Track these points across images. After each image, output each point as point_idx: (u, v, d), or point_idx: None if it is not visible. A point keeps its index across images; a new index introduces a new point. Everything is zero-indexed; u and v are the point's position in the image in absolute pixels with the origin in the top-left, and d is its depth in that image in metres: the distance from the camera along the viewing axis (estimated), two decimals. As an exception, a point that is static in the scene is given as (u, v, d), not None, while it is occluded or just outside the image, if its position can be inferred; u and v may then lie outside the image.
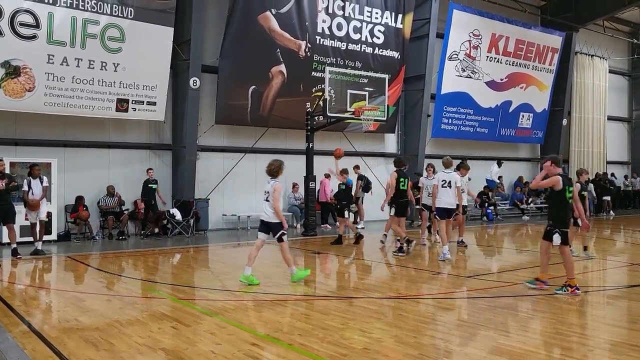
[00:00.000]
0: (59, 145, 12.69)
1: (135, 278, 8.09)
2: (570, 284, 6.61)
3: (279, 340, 4.87)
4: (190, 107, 13.63)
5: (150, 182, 13.18)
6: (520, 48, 19.83)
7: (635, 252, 11.35)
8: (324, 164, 13.57)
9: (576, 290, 6.57)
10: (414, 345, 4.80)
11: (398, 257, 9.66)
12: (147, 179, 13.17)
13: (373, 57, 16.59)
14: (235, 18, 13.90)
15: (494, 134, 20.01)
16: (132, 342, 4.84)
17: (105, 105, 12.44)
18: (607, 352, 4.66)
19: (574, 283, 6.62)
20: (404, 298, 6.87)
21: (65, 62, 11.72)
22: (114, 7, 12.16)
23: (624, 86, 25.86)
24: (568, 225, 6.82)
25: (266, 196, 7.44)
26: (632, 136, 26.12)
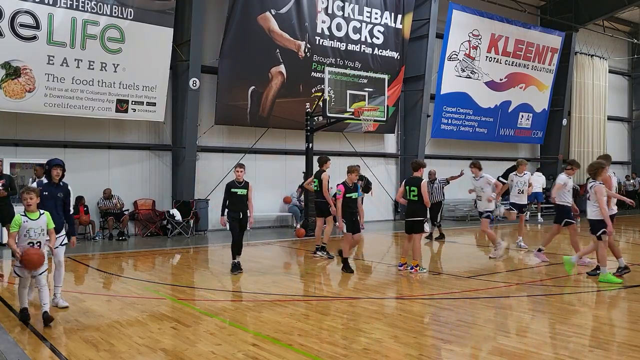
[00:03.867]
0: (59, 145, 12.69)
1: (135, 278, 8.09)
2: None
3: (279, 341, 4.87)
4: (190, 107, 13.63)
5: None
6: (520, 48, 19.84)
7: (635, 252, 11.35)
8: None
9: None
10: (414, 345, 4.81)
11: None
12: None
13: (372, 57, 16.60)
14: (234, 19, 13.91)
15: (493, 134, 20.02)
16: (132, 343, 4.84)
17: (105, 106, 12.45)
18: (608, 353, 4.66)
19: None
20: (404, 298, 6.88)
21: (65, 62, 11.73)
22: (114, 7, 12.17)
23: (624, 86, 25.86)
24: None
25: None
26: (632, 136, 26.12)
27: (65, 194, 6.20)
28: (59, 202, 6.14)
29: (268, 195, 15.50)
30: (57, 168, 6.11)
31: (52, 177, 6.09)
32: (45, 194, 5.97)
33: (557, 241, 12.80)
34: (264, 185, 15.46)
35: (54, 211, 5.95)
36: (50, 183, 6.12)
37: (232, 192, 8.12)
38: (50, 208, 5.91)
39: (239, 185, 8.18)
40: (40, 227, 5.49)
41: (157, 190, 14.11)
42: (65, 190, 6.21)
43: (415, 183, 8.26)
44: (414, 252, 8.33)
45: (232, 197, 8.14)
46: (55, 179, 6.11)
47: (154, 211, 13.79)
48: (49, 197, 6.00)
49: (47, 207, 5.85)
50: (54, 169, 6.10)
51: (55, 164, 6.13)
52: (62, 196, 6.16)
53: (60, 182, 6.17)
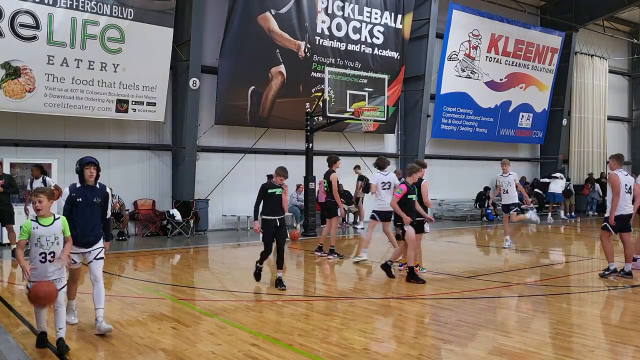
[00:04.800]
0: (59, 145, 12.70)
1: (135, 278, 8.09)
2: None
3: (279, 341, 4.87)
4: (190, 107, 13.63)
5: None
6: (520, 48, 19.84)
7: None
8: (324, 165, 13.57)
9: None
10: (414, 345, 4.81)
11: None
12: None
13: (372, 57, 16.60)
14: (234, 19, 13.91)
15: (493, 134, 20.02)
16: (132, 343, 4.84)
17: (105, 106, 12.45)
18: (608, 353, 4.66)
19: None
20: (404, 298, 6.87)
21: (65, 62, 11.73)
22: (114, 7, 12.17)
23: (624, 86, 25.86)
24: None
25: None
26: (632, 136, 26.12)
27: (103, 198, 5.15)
28: (95, 209, 5.08)
29: (268, 195, 15.49)
30: (89, 167, 5.03)
31: (86, 179, 5.03)
32: (80, 200, 4.98)
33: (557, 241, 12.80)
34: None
35: (90, 220, 5.02)
36: (84, 186, 5.06)
37: (270, 192, 7.11)
38: (85, 217, 4.98)
39: (276, 185, 7.27)
40: (54, 235, 4.52)
41: (157, 190, 14.11)
42: (103, 194, 5.15)
43: (416, 183, 8.25)
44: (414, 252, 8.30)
45: (269, 198, 7.11)
46: (90, 181, 5.03)
47: (154, 211, 13.79)
48: (84, 204, 4.99)
49: (82, 216, 4.95)
50: (87, 168, 5.02)
51: (88, 162, 5.05)
52: (100, 201, 5.10)
53: (97, 184, 5.11)
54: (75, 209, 4.98)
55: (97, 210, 5.10)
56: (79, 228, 4.98)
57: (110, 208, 5.39)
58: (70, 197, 5.03)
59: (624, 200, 7.70)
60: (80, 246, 5.02)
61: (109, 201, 5.33)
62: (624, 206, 7.72)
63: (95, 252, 5.11)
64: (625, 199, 7.73)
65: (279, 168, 7.41)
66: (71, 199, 5.01)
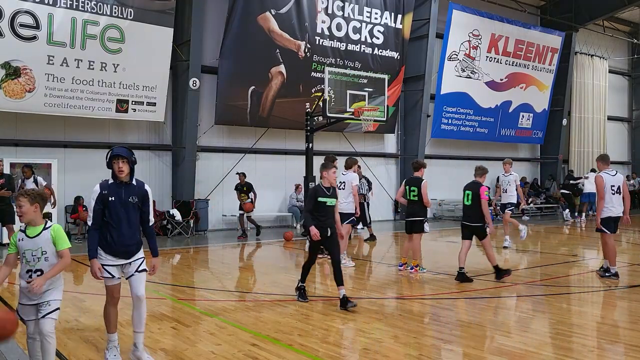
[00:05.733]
0: (59, 145, 12.70)
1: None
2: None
3: (279, 341, 4.87)
4: (190, 107, 13.63)
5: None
6: (520, 48, 19.84)
7: (635, 253, 11.35)
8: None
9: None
10: (414, 345, 4.80)
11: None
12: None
13: (372, 57, 16.59)
14: (234, 19, 13.91)
15: (493, 134, 20.01)
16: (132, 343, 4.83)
17: (105, 106, 12.45)
18: (608, 353, 4.66)
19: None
20: (404, 298, 6.87)
21: (65, 62, 11.73)
22: (114, 7, 12.17)
23: (624, 86, 25.86)
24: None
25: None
26: (632, 136, 26.12)
27: (141, 197, 4.24)
28: (132, 210, 4.20)
29: (268, 195, 15.50)
30: (117, 160, 4.11)
31: (117, 175, 4.15)
32: (112, 199, 4.12)
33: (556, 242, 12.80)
34: (264, 185, 15.47)
35: (126, 224, 4.16)
36: (116, 182, 4.18)
37: (320, 201, 6.21)
38: (120, 219, 4.13)
39: (327, 192, 6.26)
40: (40, 249, 3.68)
41: (157, 190, 14.10)
42: (140, 193, 4.24)
43: (416, 183, 8.25)
44: (414, 252, 8.32)
45: (319, 207, 6.22)
46: (121, 177, 4.14)
47: (153, 211, 13.77)
48: (117, 204, 4.13)
49: (115, 218, 4.12)
50: (115, 162, 4.12)
51: (115, 155, 4.14)
52: (137, 201, 4.22)
53: (132, 180, 4.23)
54: (108, 211, 4.14)
55: (133, 211, 4.21)
56: (114, 233, 4.14)
57: (152, 212, 4.40)
58: (100, 195, 4.15)
59: (610, 202, 7.65)
60: (118, 256, 4.17)
61: (150, 202, 4.33)
62: (610, 207, 7.67)
63: (136, 263, 4.25)
64: (612, 200, 7.67)
65: (325, 164, 6.44)
66: (102, 197, 4.14)
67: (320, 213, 6.21)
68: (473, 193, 7.72)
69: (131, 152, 4.23)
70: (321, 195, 6.23)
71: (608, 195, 7.65)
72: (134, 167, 4.23)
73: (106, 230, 4.15)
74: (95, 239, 4.18)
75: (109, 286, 4.26)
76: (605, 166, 7.91)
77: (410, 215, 8.39)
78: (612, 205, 7.68)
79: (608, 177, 7.74)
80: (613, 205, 7.68)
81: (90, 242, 4.18)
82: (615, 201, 7.69)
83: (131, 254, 4.23)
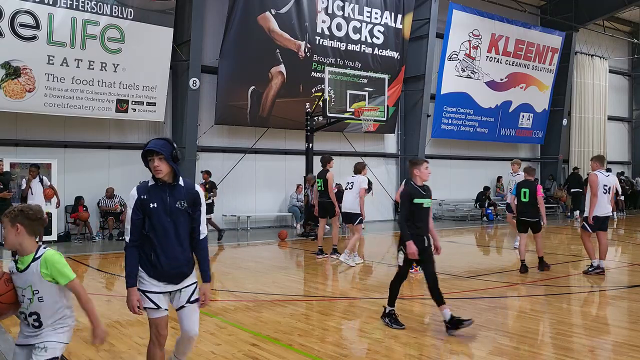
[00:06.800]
0: (59, 145, 12.70)
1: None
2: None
3: (279, 341, 4.87)
4: (190, 107, 13.64)
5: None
6: (520, 48, 19.83)
7: (635, 253, 11.34)
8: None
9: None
10: (414, 345, 4.80)
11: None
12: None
13: (373, 57, 16.59)
14: (234, 19, 13.91)
15: (494, 134, 20.01)
16: (132, 343, 4.83)
17: (105, 106, 12.45)
18: (608, 353, 4.66)
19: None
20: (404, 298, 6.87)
21: (65, 62, 11.73)
22: (114, 7, 12.17)
23: (624, 86, 25.85)
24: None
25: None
26: (632, 136, 26.11)
27: (191, 202, 3.30)
28: (181, 219, 3.27)
29: (268, 195, 15.51)
30: (153, 157, 3.24)
31: (155, 175, 3.27)
32: (154, 205, 3.20)
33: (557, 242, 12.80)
34: (264, 185, 15.48)
35: (174, 237, 3.23)
36: (157, 184, 3.27)
37: (416, 203, 5.18)
38: (166, 232, 3.21)
39: (422, 192, 5.23)
40: (30, 287, 2.79)
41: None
42: (190, 197, 3.31)
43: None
44: None
45: (415, 211, 5.18)
46: (160, 175, 3.23)
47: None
48: (161, 212, 3.21)
49: (161, 230, 3.20)
50: (150, 160, 3.27)
51: (148, 150, 3.26)
52: (186, 206, 3.28)
53: (178, 180, 3.29)
54: (150, 221, 3.20)
55: (183, 220, 3.28)
56: (159, 250, 3.21)
57: (204, 221, 3.41)
58: (139, 201, 3.21)
59: (601, 201, 7.86)
60: (165, 280, 3.28)
61: (203, 207, 3.38)
62: (601, 207, 7.88)
63: (187, 290, 3.36)
64: (603, 200, 7.89)
65: (414, 160, 5.44)
66: (141, 204, 3.21)
67: (417, 218, 5.17)
68: (530, 190, 8.28)
69: (171, 145, 3.26)
70: (417, 196, 5.18)
71: (600, 194, 7.86)
72: (177, 163, 3.28)
73: (148, 247, 3.23)
74: (134, 260, 3.23)
75: (154, 319, 3.39)
76: (600, 166, 8.11)
77: None
78: (603, 204, 7.91)
79: (602, 176, 7.95)
80: (604, 204, 7.93)
81: (129, 264, 3.25)
82: (605, 200, 7.94)
83: (182, 277, 3.30)
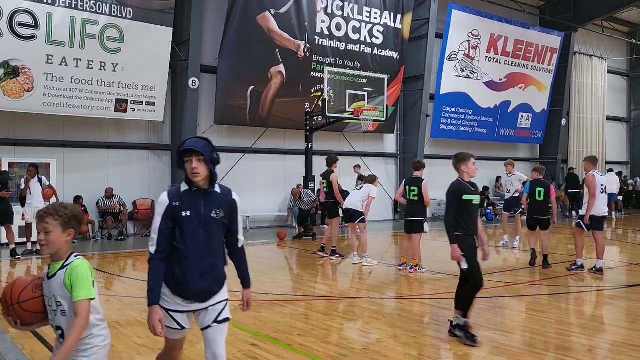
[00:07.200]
0: (58, 145, 12.68)
1: (134, 278, 8.08)
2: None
3: (279, 341, 4.86)
4: (189, 107, 13.63)
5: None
6: (519, 48, 19.85)
7: (634, 252, 11.36)
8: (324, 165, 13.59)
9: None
10: (414, 345, 4.80)
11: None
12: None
13: (372, 57, 16.59)
14: (234, 18, 13.90)
15: (493, 134, 20.02)
16: (131, 343, 4.83)
17: (104, 106, 12.43)
18: (607, 352, 4.66)
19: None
20: (403, 298, 6.87)
21: (64, 62, 11.71)
22: (113, 7, 12.15)
23: (622, 86, 25.89)
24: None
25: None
26: (631, 136, 26.15)
27: (228, 211, 2.97)
28: (215, 231, 2.92)
29: (267, 196, 15.50)
30: (191, 157, 2.82)
31: (191, 179, 2.85)
32: (187, 214, 2.84)
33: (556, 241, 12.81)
34: (263, 185, 15.46)
35: (206, 251, 2.88)
36: (191, 190, 2.88)
37: (466, 200, 4.81)
38: (198, 245, 2.85)
39: (471, 188, 4.91)
40: (54, 297, 2.54)
41: (157, 190, 14.07)
42: (227, 205, 2.97)
43: (416, 183, 8.25)
44: (414, 251, 8.33)
45: (465, 209, 4.83)
46: (197, 179, 2.84)
47: (153, 211, 13.77)
48: (194, 222, 2.85)
49: (192, 243, 2.84)
50: (187, 161, 2.83)
51: (187, 150, 2.83)
52: (222, 216, 2.94)
53: (214, 186, 2.93)
54: (180, 231, 2.83)
55: (218, 232, 2.93)
56: (187, 264, 2.84)
57: (241, 229, 3.10)
58: (170, 208, 2.83)
59: (599, 201, 7.99)
60: (190, 298, 2.90)
61: (238, 217, 3.05)
62: (598, 207, 8.00)
63: (216, 309, 2.98)
64: (601, 200, 8.03)
65: (461, 156, 4.95)
66: (172, 211, 2.83)
67: (466, 217, 4.77)
68: (545, 190, 8.70)
69: (211, 146, 2.87)
70: (467, 192, 4.80)
71: (597, 194, 7.97)
72: (215, 167, 2.89)
73: (175, 261, 2.84)
74: (159, 274, 2.84)
75: (173, 340, 2.99)
76: (593, 167, 8.23)
77: (410, 215, 8.40)
78: (600, 204, 8.04)
79: (599, 176, 8.08)
80: (601, 204, 8.07)
81: (153, 278, 2.84)
82: (602, 200, 8.07)
83: (210, 295, 2.94)
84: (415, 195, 8.21)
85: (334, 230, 10.04)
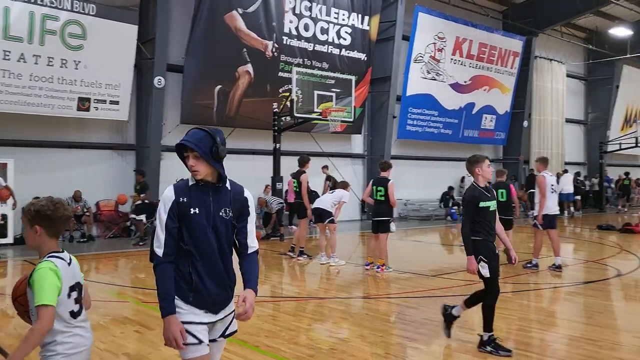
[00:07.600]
0: (16, 145, 12.22)
1: (96, 281, 7.87)
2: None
3: (245, 343, 4.83)
4: (155, 106, 13.37)
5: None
6: (483, 51, 20.33)
7: (591, 250, 11.80)
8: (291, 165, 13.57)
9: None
10: (381, 344, 4.86)
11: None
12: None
13: (340, 58, 16.68)
14: (201, 17, 13.72)
15: (457, 135, 20.42)
16: (93, 348, 4.66)
17: (65, 104, 12.06)
18: (565, 347, 4.83)
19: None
20: (370, 298, 6.94)
21: (23, 58, 11.30)
22: (75, 3, 11.80)
23: (580, 90, 26.90)
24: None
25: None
26: (587, 138, 27.19)
27: (238, 210, 2.67)
28: (225, 230, 2.61)
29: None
30: (188, 154, 2.61)
31: (193, 177, 2.63)
32: (194, 211, 2.55)
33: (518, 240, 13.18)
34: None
35: (219, 253, 2.60)
36: (198, 185, 2.62)
37: (482, 207, 4.64)
38: (209, 246, 2.56)
39: (487, 194, 4.71)
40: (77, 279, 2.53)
41: (120, 191, 13.72)
42: (238, 203, 2.68)
43: (383, 183, 8.35)
44: (380, 251, 8.42)
45: (482, 216, 4.64)
46: (199, 177, 2.61)
47: (117, 212, 13.45)
48: (203, 219, 2.56)
49: (204, 244, 2.56)
50: (186, 156, 2.62)
51: (181, 146, 2.60)
52: (231, 216, 2.64)
53: (224, 181, 2.70)
54: (189, 231, 2.55)
55: (226, 233, 2.62)
56: (201, 269, 2.57)
57: (253, 232, 2.76)
58: (176, 203, 2.55)
59: (550, 200, 8.36)
60: (206, 307, 2.61)
61: (251, 217, 2.74)
62: (550, 206, 8.38)
63: (225, 321, 2.71)
64: (551, 199, 8.40)
65: (475, 159, 4.82)
66: (179, 207, 2.55)
67: (484, 224, 4.60)
68: (506, 191, 9.07)
69: (211, 138, 2.63)
70: (483, 198, 4.63)
71: (548, 194, 8.33)
72: (221, 161, 2.66)
73: (186, 265, 2.55)
74: (171, 279, 2.53)
75: (195, 358, 2.62)
76: (544, 167, 8.63)
77: (377, 215, 8.49)
78: (551, 203, 8.41)
79: (549, 177, 8.46)
80: (552, 203, 8.45)
81: (164, 285, 2.53)
82: (553, 200, 8.45)
83: (222, 305, 2.65)
84: (382, 195, 8.30)
85: (302, 231, 10.04)
